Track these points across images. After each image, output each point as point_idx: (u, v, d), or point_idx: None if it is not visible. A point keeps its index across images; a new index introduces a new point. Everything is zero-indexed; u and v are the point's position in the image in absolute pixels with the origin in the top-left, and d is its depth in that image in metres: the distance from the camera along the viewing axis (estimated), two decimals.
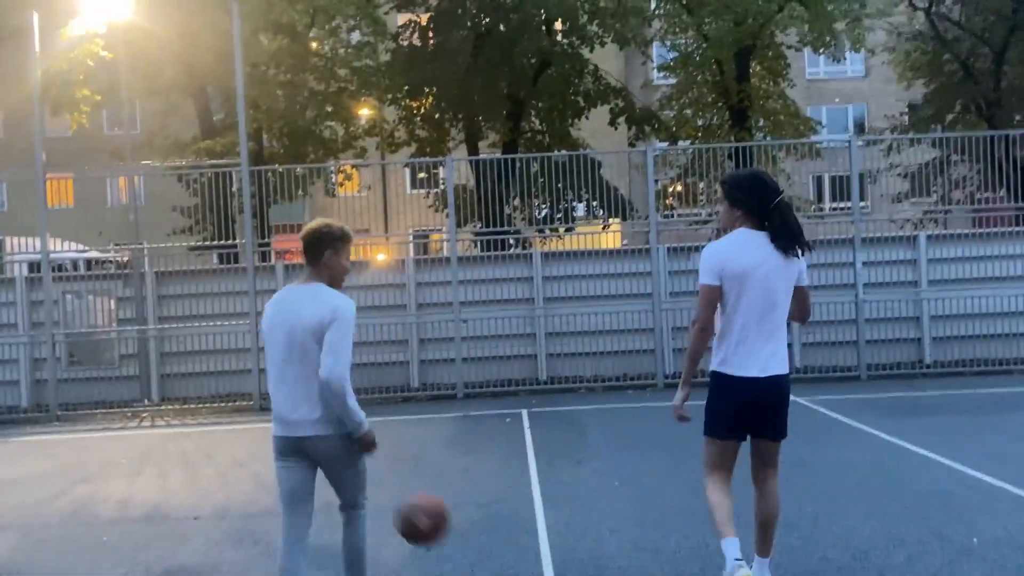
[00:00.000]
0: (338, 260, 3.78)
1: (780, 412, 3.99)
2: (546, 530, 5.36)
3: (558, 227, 14.71)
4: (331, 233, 3.76)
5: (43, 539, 5.70)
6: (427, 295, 12.13)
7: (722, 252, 3.88)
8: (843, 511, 5.46)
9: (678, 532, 5.19)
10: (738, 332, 3.86)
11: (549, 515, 5.67)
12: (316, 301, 3.67)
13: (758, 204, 3.86)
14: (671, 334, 11.84)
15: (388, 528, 5.49)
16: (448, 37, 15.92)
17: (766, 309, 3.85)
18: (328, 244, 3.75)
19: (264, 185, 12.79)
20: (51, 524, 6.05)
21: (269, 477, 7.12)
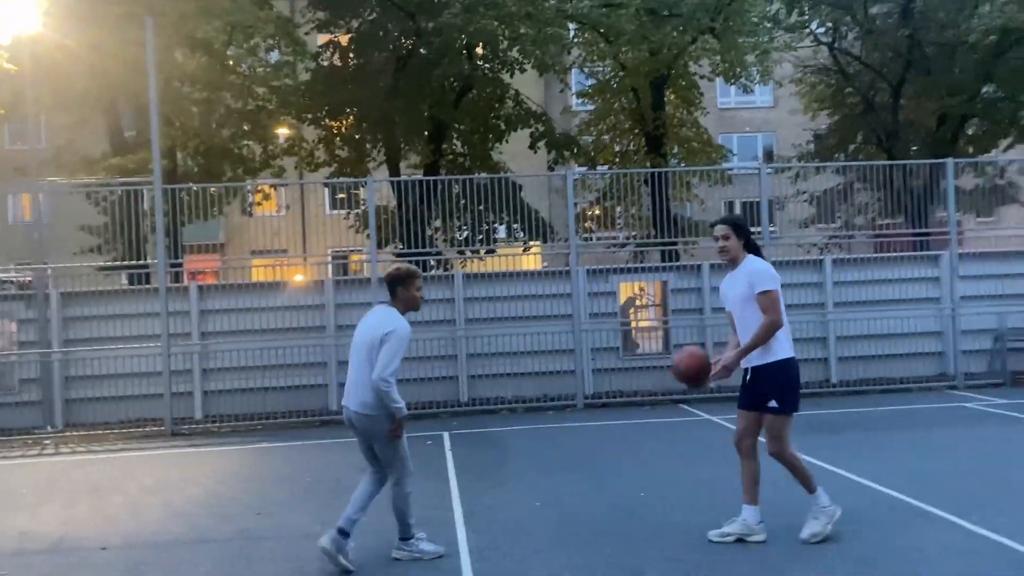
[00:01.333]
0: (408, 293, 5.18)
1: None
2: (468, 553, 5.36)
3: (479, 249, 14.80)
4: (399, 274, 5.21)
5: None
6: (347, 317, 11.99)
7: (771, 267, 5.24)
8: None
9: (601, 553, 5.27)
10: (787, 325, 5.24)
11: (471, 537, 5.67)
12: (384, 320, 5.07)
13: (750, 237, 5.33)
14: (590, 355, 12.02)
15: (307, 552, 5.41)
16: (369, 59, 15.89)
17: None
18: (399, 282, 5.18)
19: (177, 204, 12.46)
20: None
21: (181, 505, 6.94)
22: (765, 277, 5.14)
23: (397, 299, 5.17)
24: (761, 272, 5.17)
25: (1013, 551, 4.96)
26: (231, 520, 6.45)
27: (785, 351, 5.20)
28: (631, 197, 15.19)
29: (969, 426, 9.33)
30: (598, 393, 11.93)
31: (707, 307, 12.31)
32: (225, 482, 7.85)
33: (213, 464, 8.77)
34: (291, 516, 6.49)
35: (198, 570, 5.26)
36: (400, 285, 5.16)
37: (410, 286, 5.17)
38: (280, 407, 11.48)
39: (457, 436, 9.67)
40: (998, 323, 12.23)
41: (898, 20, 18.90)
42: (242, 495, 7.29)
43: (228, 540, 5.92)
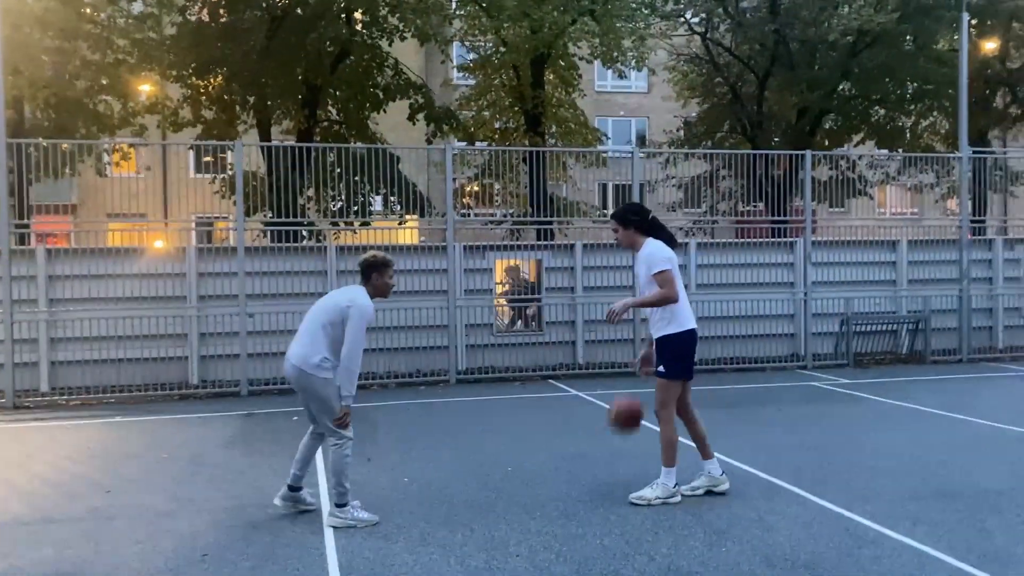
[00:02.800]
0: (381, 280, 5.44)
1: None
2: (331, 529, 5.27)
3: (354, 221, 14.48)
4: (376, 261, 5.44)
5: None
6: (210, 287, 11.51)
7: (669, 250, 5.67)
8: (616, 499, 5.81)
9: (464, 526, 5.30)
10: (683, 299, 5.69)
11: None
12: (349, 293, 5.39)
13: (644, 222, 5.76)
14: (464, 331, 12.05)
15: (160, 531, 5.18)
16: (241, 16, 15.14)
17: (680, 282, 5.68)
18: (374, 269, 5.41)
19: (24, 160, 11.54)
20: None
21: (22, 483, 6.50)
22: (657, 259, 5.62)
23: (370, 283, 5.42)
24: (653, 254, 5.64)
25: (848, 519, 5.34)
26: (78, 499, 6.09)
27: (680, 325, 5.67)
28: (509, 175, 15.25)
29: (816, 404, 9.97)
30: (471, 369, 11.99)
31: (579, 286, 12.56)
32: (73, 458, 7.40)
33: (60, 439, 8.25)
34: (143, 495, 6.19)
35: (41, 552, 4.94)
36: (375, 271, 5.41)
37: (383, 274, 5.44)
38: (136, 380, 10.92)
39: None
40: (845, 307, 13.09)
41: (766, 15, 19.74)
42: (91, 472, 6.89)
43: (75, 520, 5.58)
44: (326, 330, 5.28)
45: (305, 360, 5.31)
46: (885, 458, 6.98)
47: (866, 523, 5.26)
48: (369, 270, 5.41)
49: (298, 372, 5.34)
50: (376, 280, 5.41)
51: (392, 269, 5.49)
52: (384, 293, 5.49)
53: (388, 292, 5.52)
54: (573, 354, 12.59)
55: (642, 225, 5.76)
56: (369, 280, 5.41)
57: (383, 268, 5.43)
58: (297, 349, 5.37)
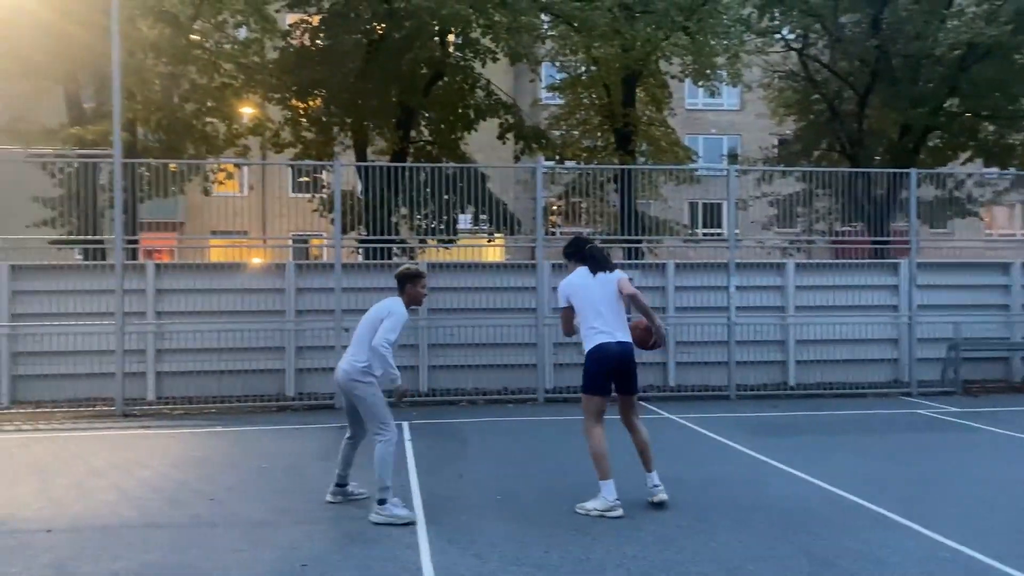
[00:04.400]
0: (414, 290, 6.08)
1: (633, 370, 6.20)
2: (428, 543, 5.28)
3: (443, 238, 14.65)
4: (409, 273, 6.09)
5: None
6: (308, 302, 11.81)
7: (567, 282, 6.20)
8: (716, 526, 5.65)
9: (559, 547, 5.23)
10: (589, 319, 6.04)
11: (430, 529, 5.60)
12: (387, 304, 5.96)
13: (577, 254, 6.27)
14: (552, 349, 12.00)
15: (260, 540, 5.29)
16: (339, 40, 15.59)
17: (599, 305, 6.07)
18: (408, 280, 6.07)
19: (136, 179, 12.13)
20: None
21: (131, 488, 6.74)
22: (559, 295, 6.30)
23: (404, 293, 6.05)
24: (558, 290, 6.31)
25: (967, 556, 5.03)
26: (182, 505, 6.29)
27: (587, 345, 6.08)
28: (597, 193, 15.18)
29: (924, 433, 9.49)
30: (559, 388, 11.91)
31: (671, 306, 12.35)
32: (177, 466, 7.66)
33: (165, 447, 8.56)
34: (244, 503, 6.35)
35: (147, 556, 5.11)
36: (408, 282, 6.07)
37: (416, 284, 6.09)
38: (236, 391, 11.26)
39: (416, 427, 9.57)
40: (953, 333, 12.46)
41: (867, 30, 19.12)
42: (194, 480, 7.11)
43: (180, 526, 5.76)
44: (368, 337, 5.87)
45: (352, 366, 5.89)
46: (1000, 491, 6.57)
47: (987, 561, 4.94)
48: (404, 281, 6.07)
49: (346, 377, 5.90)
50: (410, 290, 6.07)
51: (424, 280, 6.16)
52: (417, 301, 6.18)
53: (421, 300, 6.23)
54: (664, 376, 12.37)
55: (574, 256, 6.29)
56: (404, 290, 6.06)
57: (416, 279, 6.09)
58: (347, 357, 5.99)
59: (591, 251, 6.23)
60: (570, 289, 6.13)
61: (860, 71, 19.75)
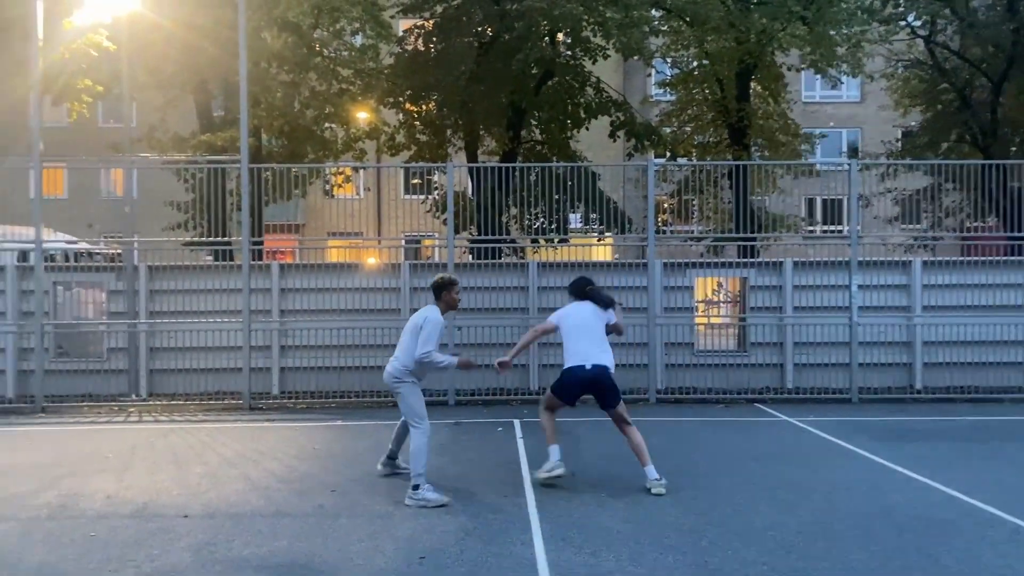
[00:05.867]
0: (449, 296, 6.68)
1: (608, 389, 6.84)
2: (542, 541, 5.32)
3: (553, 237, 14.69)
4: (443, 282, 6.71)
5: (30, 531, 5.61)
6: (421, 300, 12.07)
7: (561, 312, 7.09)
8: (839, 535, 5.45)
9: (674, 549, 5.17)
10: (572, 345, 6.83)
11: (544, 526, 5.63)
12: (425, 313, 6.58)
13: (579, 292, 7.09)
14: (664, 349, 11.84)
15: (381, 531, 5.45)
16: (452, 43, 15.89)
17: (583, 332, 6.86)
18: (444, 288, 6.68)
19: (261, 183, 12.70)
20: (39, 516, 5.96)
21: (258, 478, 7.08)
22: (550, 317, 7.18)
23: (441, 300, 6.65)
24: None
25: None
26: (307, 495, 6.55)
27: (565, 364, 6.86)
28: (711, 190, 14.88)
29: None
30: (670, 388, 11.75)
31: (788, 306, 11.98)
32: (301, 457, 7.99)
33: (289, 439, 8.94)
34: (365, 495, 6.57)
35: (275, 544, 5.35)
36: (444, 290, 6.67)
37: (451, 291, 6.67)
38: (354, 386, 11.64)
39: (529, 424, 9.64)
40: None
41: (1003, 13, 17.98)
42: (318, 471, 7.40)
43: (305, 515, 6.01)
44: (411, 343, 6.49)
45: (396, 368, 6.57)
46: None
47: None
48: (440, 290, 6.66)
49: (389, 378, 6.62)
50: (446, 297, 6.64)
51: (458, 287, 6.73)
52: (453, 306, 6.73)
53: (456, 305, 6.76)
54: (781, 377, 12.01)
55: (576, 294, 7.10)
56: (440, 298, 6.64)
57: (450, 287, 6.67)
58: (392, 360, 6.63)
59: (591, 292, 7.06)
60: (561, 314, 7.03)
61: (994, 57, 18.61)
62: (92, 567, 4.90)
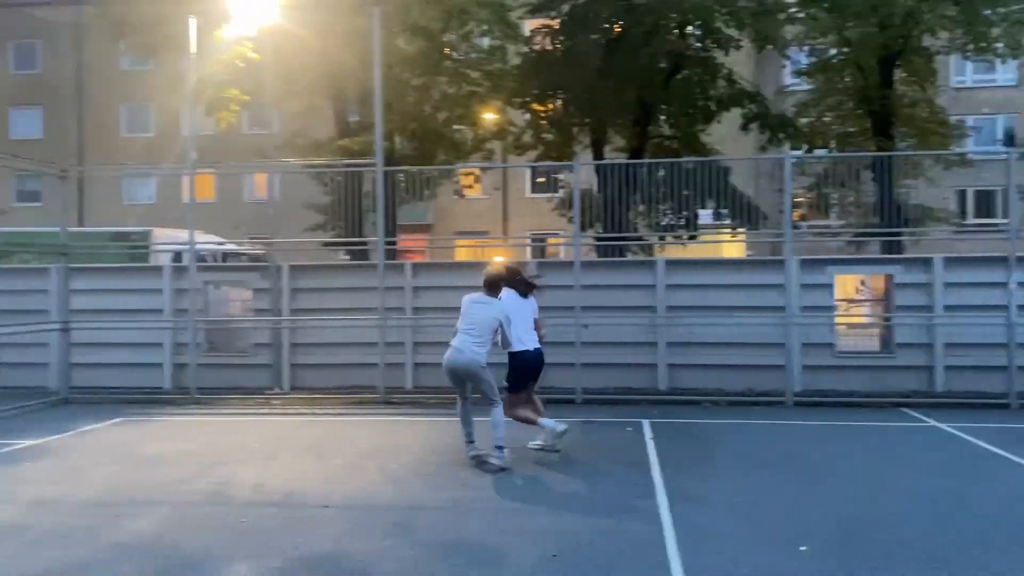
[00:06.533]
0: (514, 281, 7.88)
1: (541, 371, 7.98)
2: (676, 545, 5.20)
3: (683, 235, 14.40)
4: (500, 274, 7.74)
5: (186, 516, 5.98)
6: (547, 298, 12.05)
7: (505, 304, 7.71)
8: (996, 547, 5.05)
9: (814, 556, 4.93)
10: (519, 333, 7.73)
11: (678, 530, 5.51)
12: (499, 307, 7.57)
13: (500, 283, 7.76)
14: (802, 350, 11.36)
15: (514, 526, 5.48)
16: (579, 41, 15.85)
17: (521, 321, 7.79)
18: (501, 280, 7.72)
19: (394, 186, 13.06)
20: (193, 502, 6.34)
21: (395, 470, 7.28)
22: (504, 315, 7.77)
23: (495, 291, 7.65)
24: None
25: None
26: (441, 489, 6.68)
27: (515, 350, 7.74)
28: (852, 183, 14.18)
29: None
30: (809, 391, 11.26)
31: (938, 305, 11.25)
32: (434, 451, 8.16)
33: (422, 433, 9.15)
34: (496, 490, 6.63)
35: (412, 536, 5.48)
36: (502, 281, 7.72)
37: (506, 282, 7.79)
38: None
39: (658, 425, 9.47)
40: None
41: None
42: (450, 465, 7.53)
43: (440, 508, 6.13)
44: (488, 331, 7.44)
45: (479, 355, 7.35)
46: None
47: None
48: (499, 281, 7.66)
49: (474, 364, 7.32)
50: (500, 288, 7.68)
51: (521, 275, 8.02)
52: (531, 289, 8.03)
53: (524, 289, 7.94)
54: (930, 380, 11.29)
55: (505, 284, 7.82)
56: (497, 290, 7.61)
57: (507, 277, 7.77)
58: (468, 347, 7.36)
59: (517, 281, 7.95)
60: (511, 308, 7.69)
61: None
62: (243, 553, 5.17)
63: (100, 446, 8.68)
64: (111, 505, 6.27)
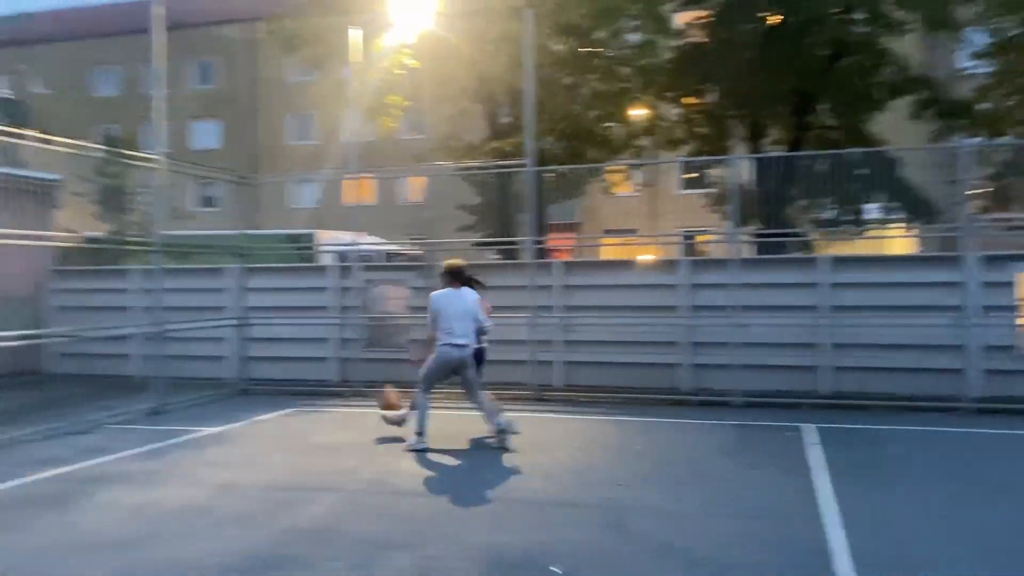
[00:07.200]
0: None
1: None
2: (849, 554, 4.94)
3: (847, 230, 13.68)
4: (465, 268, 8.40)
5: (355, 503, 6.27)
6: (702, 297, 11.82)
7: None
8: None
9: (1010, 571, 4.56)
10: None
11: (852, 538, 5.22)
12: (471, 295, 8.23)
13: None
14: (983, 353, 10.51)
15: (670, 530, 5.39)
16: (734, 32, 15.38)
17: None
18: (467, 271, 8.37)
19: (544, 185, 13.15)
20: (360, 490, 6.65)
21: (549, 466, 7.32)
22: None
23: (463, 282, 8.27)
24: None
25: None
26: (594, 487, 6.67)
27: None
28: None
29: None
30: (989, 396, 10.41)
31: None
32: (584, 449, 8.16)
33: (573, 431, 9.18)
34: (649, 491, 6.55)
35: (569, 533, 5.50)
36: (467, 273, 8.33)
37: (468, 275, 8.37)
38: (633, 382, 11.67)
39: (822, 430, 9.03)
40: None
41: None
42: (601, 464, 7.51)
43: (594, 506, 6.12)
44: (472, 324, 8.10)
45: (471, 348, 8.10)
46: None
47: None
48: (465, 273, 8.30)
49: (470, 357, 8.11)
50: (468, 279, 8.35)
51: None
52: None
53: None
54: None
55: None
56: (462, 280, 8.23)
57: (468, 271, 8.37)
58: (467, 340, 8.03)
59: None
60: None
61: None
62: (411, 541, 5.35)
63: (274, 434, 9.27)
64: (286, 490, 6.69)
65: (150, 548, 5.22)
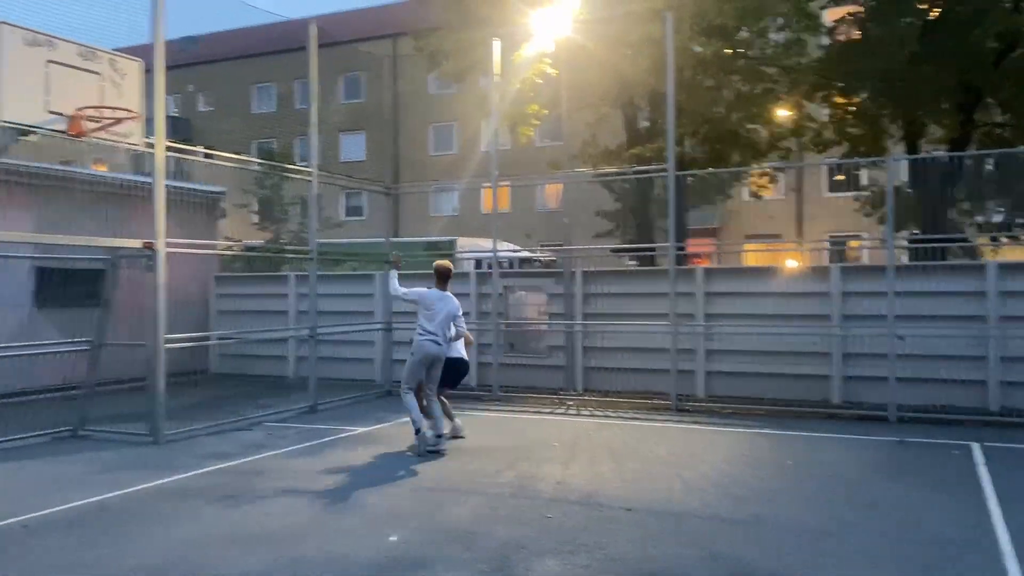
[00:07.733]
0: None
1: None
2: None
3: (1019, 234, 12.64)
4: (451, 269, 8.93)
5: (496, 507, 6.34)
6: (854, 306, 11.23)
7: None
8: None
9: None
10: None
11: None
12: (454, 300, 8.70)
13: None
14: None
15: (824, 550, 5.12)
16: (891, 27, 14.51)
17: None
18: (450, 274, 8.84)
19: (684, 190, 12.90)
20: (502, 494, 6.71)
21: (692, 479, 7.17)
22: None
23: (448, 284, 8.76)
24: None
25: None
26: (741, 502, 6.46)
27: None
28: None
29: None
30: None
31: None
32: (730, 463, 7.92)
33: (717, 443, 8.92)
34: (802, 510, 6.27)
35: (714, 547, 5.35)
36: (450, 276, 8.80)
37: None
38: (780, 394, 11.23)
39: (992, 449, 8.38)
40: None
41: None
42: (749, 479, 7.27)
43: (740, 522, 5.93)
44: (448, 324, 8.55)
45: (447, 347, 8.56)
46: None
47: None
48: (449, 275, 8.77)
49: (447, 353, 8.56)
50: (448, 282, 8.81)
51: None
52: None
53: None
54: None
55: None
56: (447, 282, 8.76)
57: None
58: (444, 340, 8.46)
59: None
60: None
61: None
62: (550, 547, 5.36)
63: None
64: (435, 491, 6.85)
65: (304, 542, 5.47)
